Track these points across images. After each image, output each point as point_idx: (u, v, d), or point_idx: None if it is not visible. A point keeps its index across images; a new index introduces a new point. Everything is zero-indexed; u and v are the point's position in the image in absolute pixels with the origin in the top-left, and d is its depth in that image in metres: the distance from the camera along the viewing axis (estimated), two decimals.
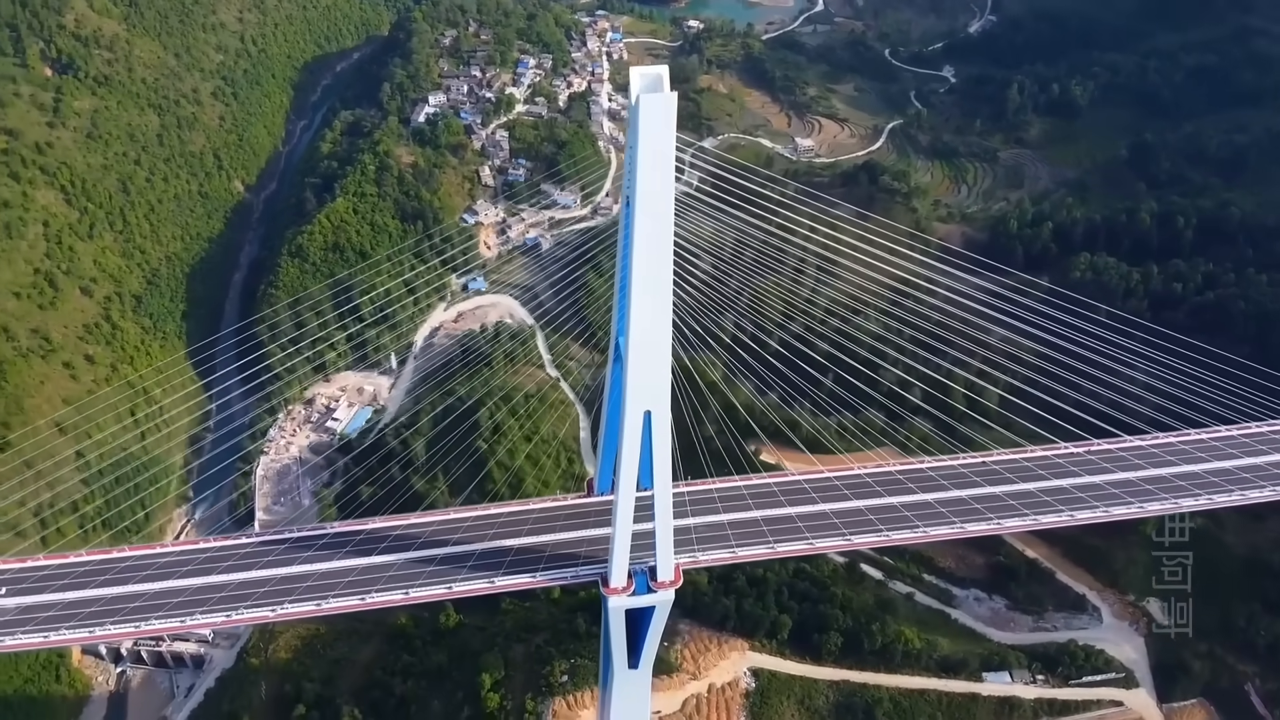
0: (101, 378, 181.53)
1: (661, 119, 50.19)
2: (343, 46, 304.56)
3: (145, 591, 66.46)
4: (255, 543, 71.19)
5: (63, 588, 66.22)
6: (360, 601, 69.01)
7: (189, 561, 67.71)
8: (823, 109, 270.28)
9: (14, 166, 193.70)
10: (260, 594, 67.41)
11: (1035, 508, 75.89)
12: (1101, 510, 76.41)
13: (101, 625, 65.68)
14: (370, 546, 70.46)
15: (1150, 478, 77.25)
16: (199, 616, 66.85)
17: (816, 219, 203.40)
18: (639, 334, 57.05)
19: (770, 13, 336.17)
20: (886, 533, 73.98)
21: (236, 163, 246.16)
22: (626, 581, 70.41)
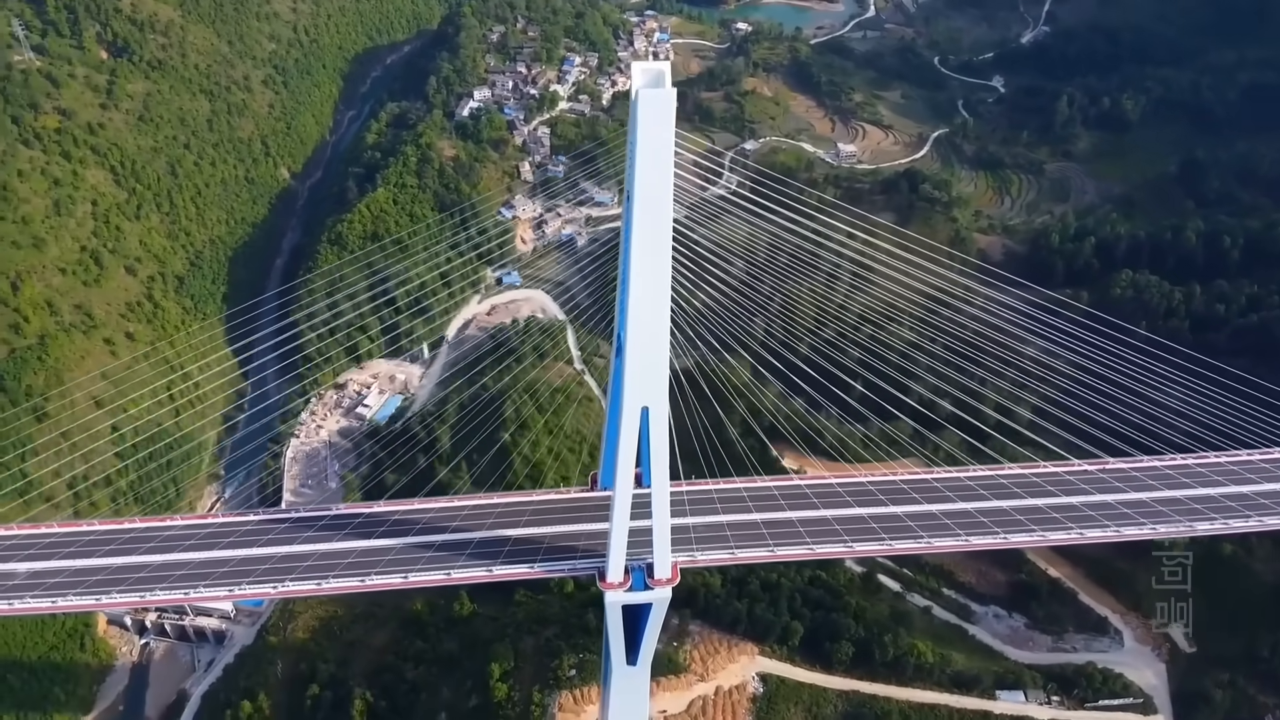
0: (141, 355, 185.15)
1: (661, 114, 50.07)
2: (394, 39, 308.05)
3: (150, 563, 67.89)
4: (259, 520, 72.40)
5: (71, 555, 67.80)
6: (360, 583, 69.96)
7: (193, 536, 69.06)
8: (868, 115, 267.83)
9: (66, 146, 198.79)
10: (262, 571, 68.55)
11: (1043, 524, 74.80)
12: (1112, 530, 75.04)
13: (107, 593, 67.31)
14: (371, 529, 71.31)
15: (1165, 499, 75.63)
16: (202, 590, 68.24)
17: (853, 225, 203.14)
18: (637, 329, 57.18)
19: (820, 17, 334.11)
20: (889, 541, 73.30)
21: (283, 150, 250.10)
22: (623, 577, 70.57)
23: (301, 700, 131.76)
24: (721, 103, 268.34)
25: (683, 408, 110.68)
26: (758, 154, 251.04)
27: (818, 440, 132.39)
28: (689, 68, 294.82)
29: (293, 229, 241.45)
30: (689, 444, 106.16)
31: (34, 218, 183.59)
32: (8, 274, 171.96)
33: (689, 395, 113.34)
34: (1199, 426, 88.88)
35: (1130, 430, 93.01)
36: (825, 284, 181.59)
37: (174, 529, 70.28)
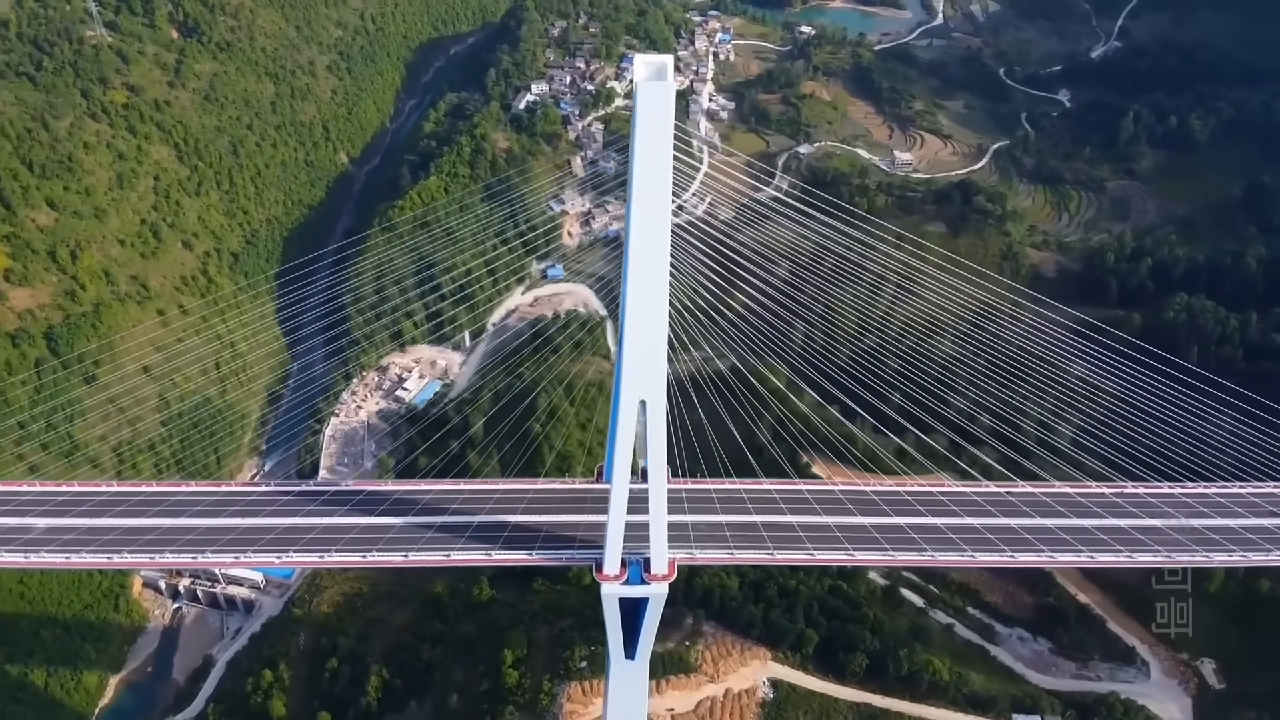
0: (192, 328, 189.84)
1: (660, 107, 50.08)
2: (458, 30, 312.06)
3: (160, 526, 69.81)
4: (267, 491, 74.02)
5: (86, 513, 70.06)
6: (361, 558, 71.24)
7: (201, 501, 70.88)
8: (927, 124, 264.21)
9: (133, 121, 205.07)
10: (267, 540, 70.10)
11: (1052, 545, 73.24)
12: (1125, 555, 73.24)
13: (119, 552, 69.40)
14: (374, 506, 72.46)
15: (1179, 527, 73.56)
16: (210, 555, 70.00)
17: (903, 233, 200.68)
18: (634, 322, 57.37)
19: (887, 23, 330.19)
20: (892, 552, 72.33)
21: (343, 135, 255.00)
22: (620, 570, 70.73)
23: (321, 673, 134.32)
24: (778, 105, 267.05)
25: (715, 409, 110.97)
26: (811, 158, 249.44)
27: (849, 449, 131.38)
28: (749, 69, 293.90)
29: (348, 213, 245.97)
30: (718, 445, 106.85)
31: (97, 189, 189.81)
32: (68, 242, 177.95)
33: (722, 397, 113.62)
34: (1241, 460, 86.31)
35: (1172, 459, 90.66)
36: (869, 292, 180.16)
37: (181, 494, 72.20)
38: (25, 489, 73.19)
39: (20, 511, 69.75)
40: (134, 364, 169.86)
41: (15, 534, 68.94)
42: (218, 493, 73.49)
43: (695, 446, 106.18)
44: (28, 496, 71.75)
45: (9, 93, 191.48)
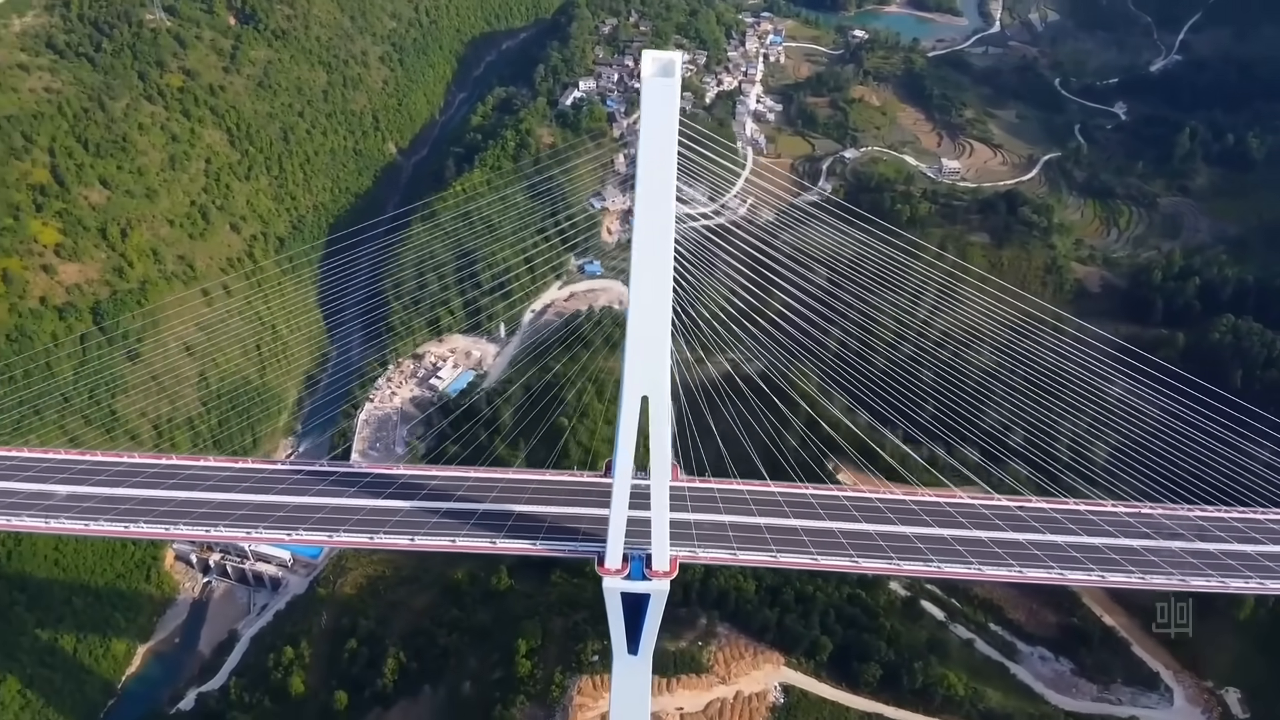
0: (235, 309, 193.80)
1: (665, 104, 50.32)
2: (511, 25, 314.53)
3: (175, 498, 71.60)
4: (278, 469, 75.43)
5: (104, 482, 72.04)
6: (369, 540, 72.67)
7: (215, 476, 72.48)
8: (977, 132, 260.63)
9: (187, 105, 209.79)
10: (277, 518, 71.63)
11: (1063, 562, 72.15)
12: (1137, 576, 71.87)
13: (135, 523, 71.39)
14: (383, 489, 73.49)
15: (1194, 550, 71.99)
16: (221, 530, 71.78)
17: (945, 242, 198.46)
18: (638, 317, 57.64)
19: (942, 30, 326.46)
20: (898, 561, 71.93)
21: (392, 126, 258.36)
22: (621, 564, 71.09)
23: (340, 652, 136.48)
24: (826, 109, 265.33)
25: (745, 412, 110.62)
26: (857, 163, 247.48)
27: (877, 457, 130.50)
28: (799, 71, 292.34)
29: (393, 203, 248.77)
30: (743, 446, 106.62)
31: (149, 170, 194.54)
32: (119, 221, 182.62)
33: (752, 400, 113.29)
34: None
35: (1211, 485, 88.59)
36: (908, 301, 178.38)
37: (194, 468, 73.89)
38: (47, 456, 75.53)
39: (42, 478, 71.97)
40: (177, 342, 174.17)
41: (37, 499, 71.08)
42: (230, 468, 75.12)
43: (723, 448, 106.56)
44: (48, 464, 74.02)
45: (68, 73, 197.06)
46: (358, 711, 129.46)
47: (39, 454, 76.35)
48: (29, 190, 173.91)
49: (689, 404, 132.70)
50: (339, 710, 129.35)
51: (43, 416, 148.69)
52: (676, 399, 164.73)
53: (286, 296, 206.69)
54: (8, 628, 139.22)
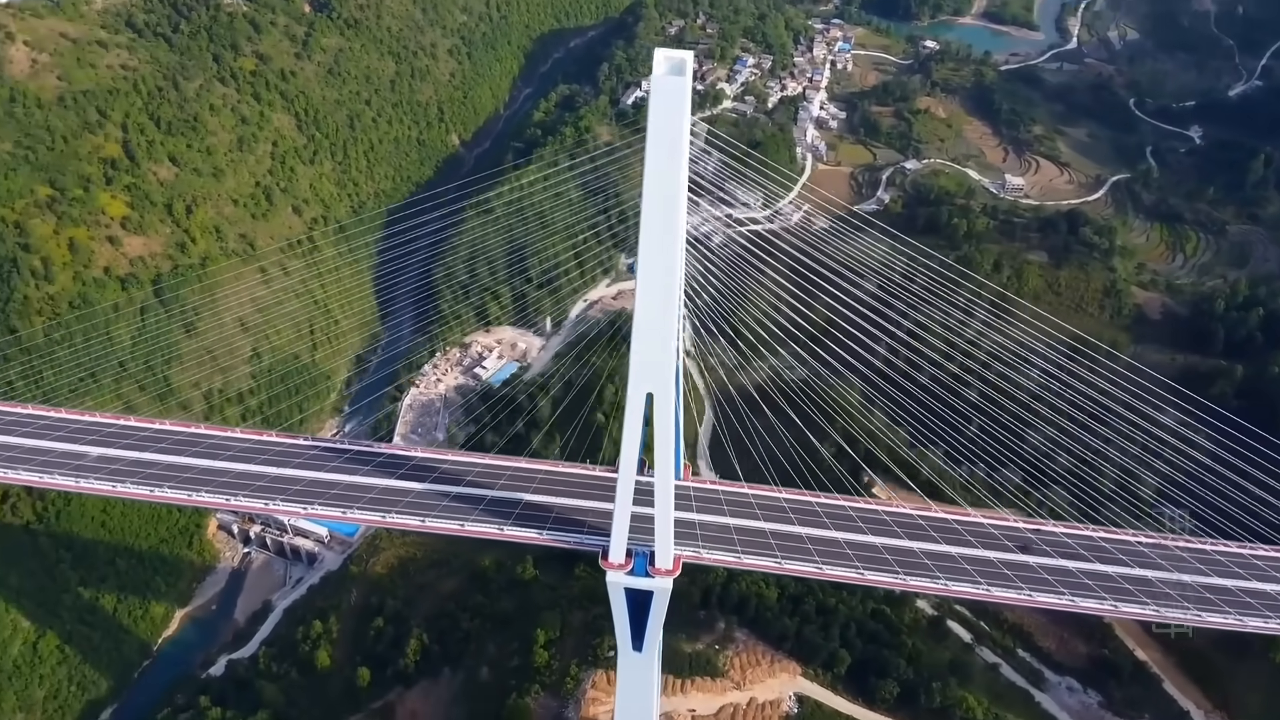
0: (291, 289, 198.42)
1: (673, 103, 50.58)
2: (580, 23, 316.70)
3: (197, 465, 74.01)
4: (297, 443, 77.33)
5: (131, 446, 74.68)
6: (381, 518, 74.21)
7: (235, 446, 74.68)
8: (1044, 149, 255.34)
9: (258, 88, 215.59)
10: (293, 491, 73.64)
11: (1074, 589, 70.75)
12: (1152, 609, 70.23)
13: (159, 487, 73.93)
14: (394, 469, 74.97)
15: (1211, 585, 69.98)
16: (241, 499, 74.10)
17: (1001, 259, 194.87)
18: (644, 314, 58.00)
19: (1017, 44, 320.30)
20: (903, 575, 71.12)
21: (457, 118, 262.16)
22: (625, 559, 71.55)
23: (366, 629, 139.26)
24: (890, 118, 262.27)
25: (785, 418, 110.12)
26: (918, 174, 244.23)
27: (916, 473, 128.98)
28: (866, 79, 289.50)
29: (453, 193, 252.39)
30: (785, 453, 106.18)
31: (218, 150, 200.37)
32: (185, 197, 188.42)
33: (793, 407, 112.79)
34: None
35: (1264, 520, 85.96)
36: (959, 316, 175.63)
37: (218, 438, 76.21)
38: (78, 417, 78.53)
39: (73, 438, 74.85)
40: (232, 317, 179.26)
41: (68, 459, 73.93)
42: (251, 440, 77.31)
43: (760, 452, 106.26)
44: (79, 425, 76.99)
45: (145, 51, 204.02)
46: (379, 689, 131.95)
47: (67, 414, 79.38)
48: (100, 163, 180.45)
49: (728, 408, 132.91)
50: (361, 687, 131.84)
51: (99, 382, 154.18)
52: (722, 404, 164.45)
53: (343, 279, 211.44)
54: (52, 584, 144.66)
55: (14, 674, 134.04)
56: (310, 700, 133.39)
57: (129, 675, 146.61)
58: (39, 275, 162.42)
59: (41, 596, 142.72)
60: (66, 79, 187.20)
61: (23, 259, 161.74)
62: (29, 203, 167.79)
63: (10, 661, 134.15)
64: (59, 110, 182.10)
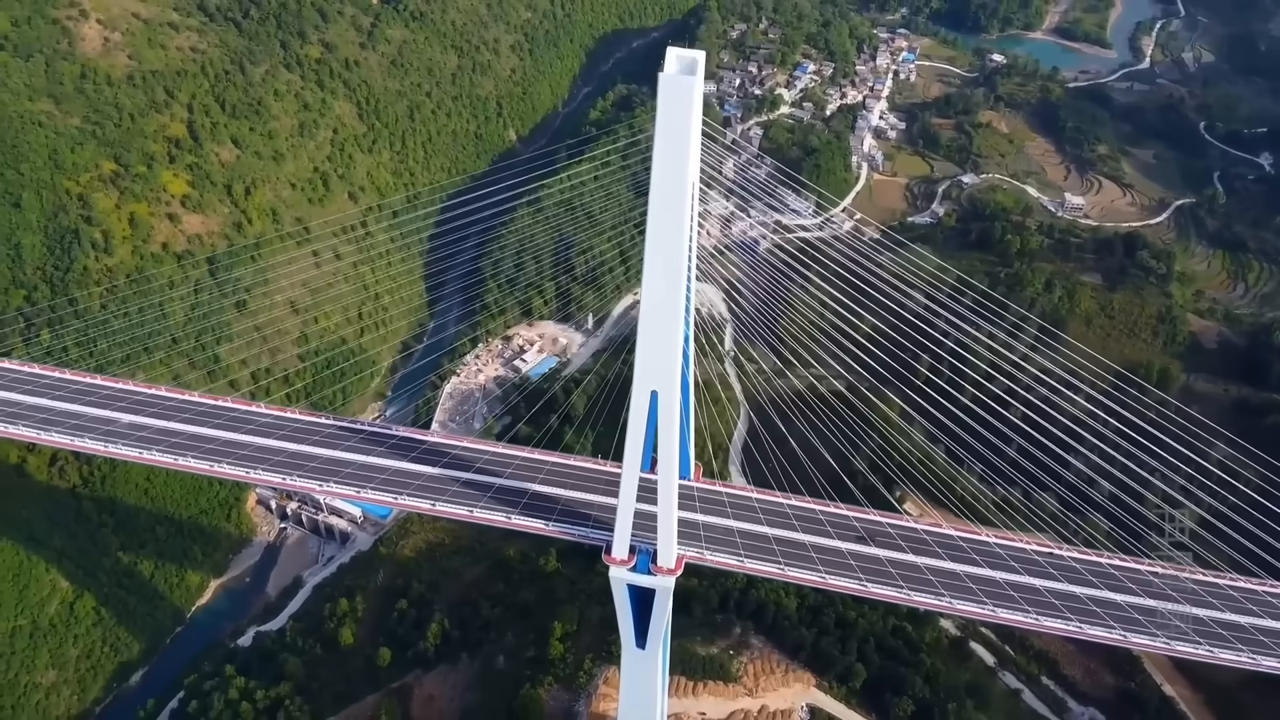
0: (342, 274, 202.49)
1: (680, 101, 50.76)
2: (644, 24, 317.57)
3: (218, 437, 76.20)
4: (314, 420, 79.02)
5: (156, 415, 77.13)
6: (393, 499, 75.63)
7: (255, 420, 76.74)
8: (1108, 169, 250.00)
9: (322, 76, 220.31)
10: (310, 468, 75.35)
11: (1082, 615, 69.48)
12: (1164, 639, 68.55)
13: (184, 456, 76.23)
14: (407, 452, 76.31)
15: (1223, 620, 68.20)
16: (260, 473, 76.13)
17: (1054, 278, 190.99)
18: (649, 313, 58.40)
19: (1088, 61, 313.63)
20: (907, 590, 70.49)
21: (515, 113, 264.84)
22: (628, 556, 71.99)
23: (390, 611, 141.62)
24: (951, 131, 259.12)
25: (821, 427, 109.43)
26: (974, 189, 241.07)
27: (950, 490, 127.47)
28: (928, 91, 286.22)
29: (506, 188, 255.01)
30: (813, 461, 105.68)
31: (279, 134, 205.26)
32: (244, 179, 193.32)
33: (830, 416, 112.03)
34: None
35: None
36: (1007, 333, 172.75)
37: (239, 412, 78.38)
38: (107, 383, 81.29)
39: (103, 404, 77.55)
40: (283, 298, 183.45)
41: (99, 423, 76.61)
42: (271, 415, 79.33)
43: (794, 460, 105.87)
44: (107, 391, 79.71)
45: (215, 35, 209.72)
46: (398, 669, 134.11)
47: (96, 380, 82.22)
48: (165, 142, 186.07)
49: (763, 414, 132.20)
50: (382, 666, 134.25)
51: (152, 354, 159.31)
52: (760, 410, 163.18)
53: (393, 266, 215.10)
54: (93, 548, 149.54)
55: (50, 632, 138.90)
56: (331, 675, 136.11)
57: (161, 640, 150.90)
58: (99, 247, 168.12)
59: (82, 559, 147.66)
60: (137, 58, 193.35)
61: (84, 231, 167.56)
62: (94, 177, 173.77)
63: (47, 620, 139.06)
64: (128, 88, 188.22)
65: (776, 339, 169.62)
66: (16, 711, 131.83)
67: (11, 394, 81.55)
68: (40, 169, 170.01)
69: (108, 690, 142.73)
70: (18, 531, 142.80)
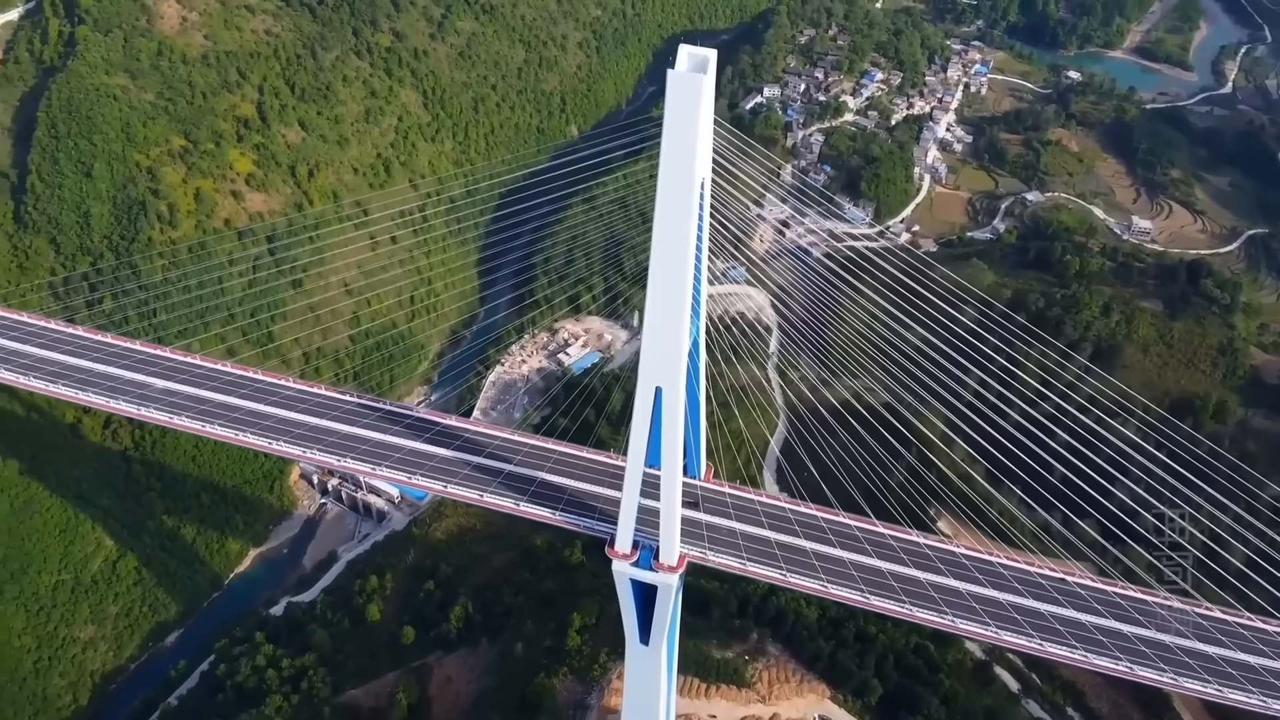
0: (397, 259, 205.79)
1: (688, 99, 51.09)
2: (714, 26, 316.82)
3: (244, 407, 78.64)
4: (333, 396, 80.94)
5: (188, 382, 79.83)
6: (407, 479, 77.16)
7: (280, 392, 79.04)
8: (1180, 194, 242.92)
9: (391, 64, 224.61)
10: (329, 443, 77.30)
11: (1087, 644, 68.17)
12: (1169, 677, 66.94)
13: (211, 424, 78.78)
14: (420, 433, 77.81)
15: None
16: (281, 445, 78.08)
17: (1112, 302, 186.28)
18: (655, 309, 58.77)
19: (1168, 83, 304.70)
20: (909, 606, 69.79)
21: (578, 110, 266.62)
22: (631, 550, 72.45)
23: (417, 591, 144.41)
24: (1018, 147, 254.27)
25: (860, 440, 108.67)
26: (1039, 207, 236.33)
27: (987, 513, 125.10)
28: (999, 105, 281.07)
29: (564, 184, 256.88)
30: (850, 474, 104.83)
31: (345, 119, 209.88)
32: (308, 161, 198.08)
33: (869, 429, 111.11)
34: None
35: None
36: (1060, 356, 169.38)
37: (264, 383, 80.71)
38: (141, 348, 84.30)
39: (138, 368, 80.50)
40: (338, 279, 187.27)
41: (133, 387, 79.54)
42: (292, 387, 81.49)
43: (829, 471, 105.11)
44: (141, 356, 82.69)
45: (289, 19, 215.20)
46: (421, 649, 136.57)
47: (130, 344, 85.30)
48: (234, 121, 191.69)
49: (802, 422, 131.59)
50: (405, 644, 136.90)
51: (208, 327, 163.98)
52: (800, 419, 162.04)
53: (448, 254, 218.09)
54: (139, 509, 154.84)
55: (91, 588, 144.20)
56: (356, 649, 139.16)
57: (198, 604, 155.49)
58: (164, 220, 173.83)
59: (127, 519, 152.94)
60: (212, 38, 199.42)
61: (151, 203, 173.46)
62: (163, 151, 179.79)
63: (89, 576, 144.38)
64: (201, 67, 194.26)
65: (821, 348, 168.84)
66: (54, 663, 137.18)
67: (57, 354, 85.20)
68: (112, 141, 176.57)
69: (143, 649, 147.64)
70: (68, 490, 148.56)
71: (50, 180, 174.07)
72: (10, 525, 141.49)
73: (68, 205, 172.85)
